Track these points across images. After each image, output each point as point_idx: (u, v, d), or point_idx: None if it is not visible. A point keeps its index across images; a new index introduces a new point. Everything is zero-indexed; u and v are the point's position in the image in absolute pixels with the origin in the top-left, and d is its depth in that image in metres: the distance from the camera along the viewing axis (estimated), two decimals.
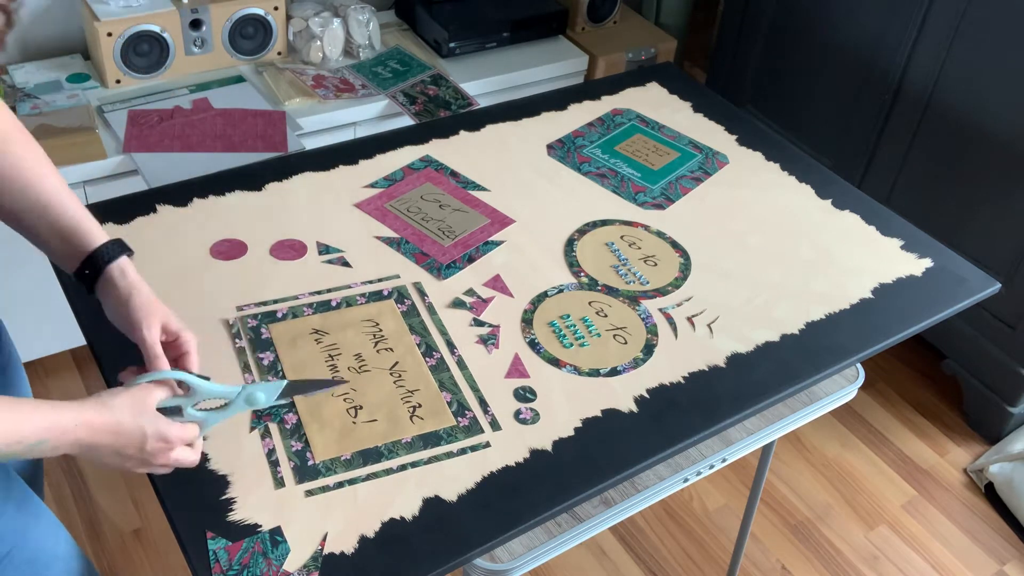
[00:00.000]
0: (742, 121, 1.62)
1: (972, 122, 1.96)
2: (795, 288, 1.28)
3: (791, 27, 2.31)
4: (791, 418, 1.27)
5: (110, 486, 1.89)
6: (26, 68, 2.07)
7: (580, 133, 1.53)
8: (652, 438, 1.06)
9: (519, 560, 1.05)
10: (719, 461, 1.22)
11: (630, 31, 2.59)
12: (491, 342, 1.15)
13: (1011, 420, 2.10)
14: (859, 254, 1.36)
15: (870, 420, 2.21)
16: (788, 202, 1.44)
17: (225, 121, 2.01)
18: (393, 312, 1.18)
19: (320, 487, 0.97)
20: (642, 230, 1.36)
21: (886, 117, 2.14)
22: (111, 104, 2.02)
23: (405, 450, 1.01)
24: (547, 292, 1.23)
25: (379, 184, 1.39)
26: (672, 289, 1.26)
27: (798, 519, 1.98)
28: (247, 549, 0.90)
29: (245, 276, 1.20)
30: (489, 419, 1.06)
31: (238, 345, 1.11)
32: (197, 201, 1.31)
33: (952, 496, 2.06)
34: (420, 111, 1.94)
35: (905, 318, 1.25)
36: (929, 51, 2.01)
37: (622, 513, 1.14)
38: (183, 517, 0.92)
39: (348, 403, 1.05)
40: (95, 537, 1.80)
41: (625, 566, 1.85)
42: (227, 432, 1.01)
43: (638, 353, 1.16)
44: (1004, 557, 1.94)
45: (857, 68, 2.17)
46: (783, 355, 1.18)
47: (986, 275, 1.34)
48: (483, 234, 1.32)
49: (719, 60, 2.55)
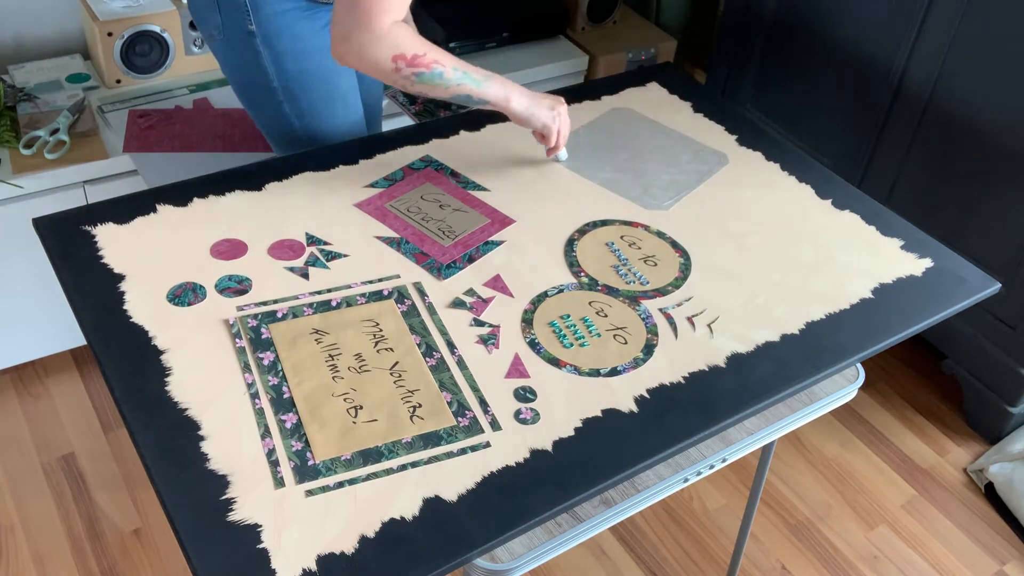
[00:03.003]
0: (742, 121, 1.62)
1: (972, 122, 1.97)
2: (795, 288, 1.28)
3: (791, 27, 2.31)
4: (791, 418, 1.27)
5: (110, 486, 1.89)
6: (26, 68, 2.07)
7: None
8: (652, 438, 1.06)
9: (519, 560, 1.05)
10: (719, 461, 1.22)
11: (630, 31, 2.59)
12: (491, 342, 1.15)
13: (1011, 420, 2.10)
14: (859, 254, 1.36)
15: (870, 420, 2.21)
16: (788, 202, 1.44)
17: (225, 121, 2.01)
18: (393, 312, 1.18)
19: (320, 487, 0.97)
20: (642, 230, 1.36)
21: (886, 117, 2.14)
22: (111, 104, 2.02)
23: (405, 450, 1.01)
24: (547, 292, 1.23)
25: (379, 184, 1.39)
26: (672, 289, 1.26)
27: (798, 519, 1.98)
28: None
29: (245, 276, 1.20)
30: (489, 419, 1.06)
31: (238, 345, 1.11)
32: (197, 201, 1.31)
33: (952, 496, 2.06)
34: (420, 111, 1.94)
35: (905, 318, 1.25)
36: (929, 51, 2.01)
37: (622, 513, 1.14)
38: (183, 517, 0.92)
39: (348, 403, 1.05)
40: (95, 537, 1.80)
41: (625, 566, 1.85)
42: (227, 432, 1.01)
43: (638, 353, 1.16)
44: (1004, 557, 1.94)
45: (857, 68, 2.17)
46: (783, 355, 1.18)
47: (986, 275, 1.34)
48: (483, 234, 1.32)
49: (719, 60, 2.55)
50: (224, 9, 1.42)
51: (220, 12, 1.43)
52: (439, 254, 1.27)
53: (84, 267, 1.19)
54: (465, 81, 1.31)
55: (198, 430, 1.01)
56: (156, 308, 1.14)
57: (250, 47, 1.44)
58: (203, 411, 1.03)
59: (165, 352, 1.09)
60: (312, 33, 1.45)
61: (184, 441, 0.99)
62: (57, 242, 1.22)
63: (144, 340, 1.10)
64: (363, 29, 1.22)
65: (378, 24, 1.22)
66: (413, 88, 1.29)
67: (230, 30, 1.44)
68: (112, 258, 1.21)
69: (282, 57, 1.44)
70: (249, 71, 1.48)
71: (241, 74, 1.50)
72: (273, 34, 1.43)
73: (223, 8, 1.42)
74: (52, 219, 1.25)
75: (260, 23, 1.41)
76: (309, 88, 1.48)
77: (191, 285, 1.18)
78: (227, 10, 1.42)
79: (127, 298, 1.15)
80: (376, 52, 1.24)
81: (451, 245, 1.29)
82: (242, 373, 1.08)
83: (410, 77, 1.27)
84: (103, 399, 2.05)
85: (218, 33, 1.46)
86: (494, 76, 1.35)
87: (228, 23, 1.43)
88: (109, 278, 1.17)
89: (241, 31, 1.43)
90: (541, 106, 1.39)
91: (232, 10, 1.42)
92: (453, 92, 1.31)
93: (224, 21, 1.43)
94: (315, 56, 1.47)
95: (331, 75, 1.50)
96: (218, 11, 1.43)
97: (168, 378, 1.06)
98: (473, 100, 1.34)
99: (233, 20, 1.42)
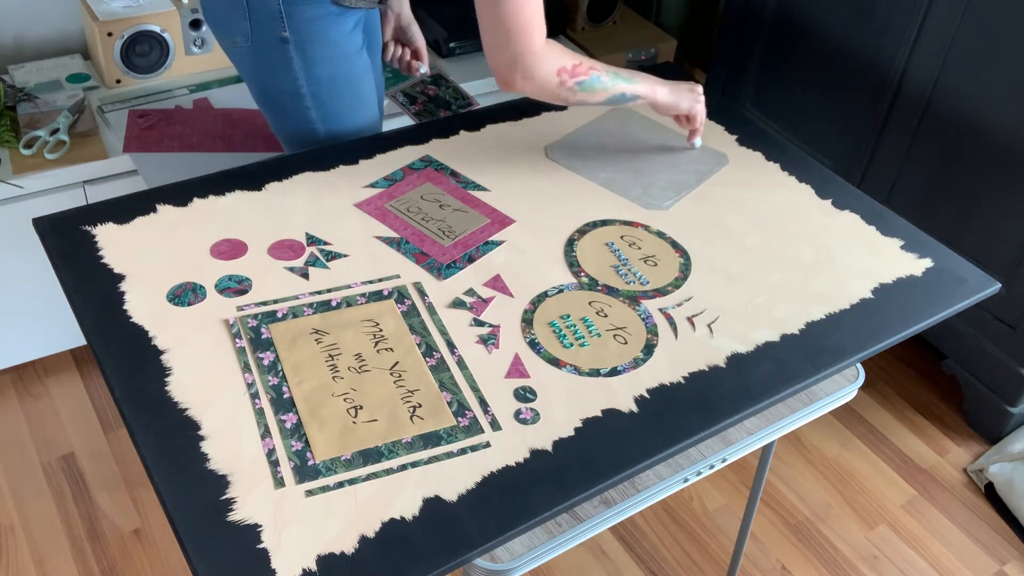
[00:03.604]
0: (742, 121, 1.62)
1: (972, 122, 1.97)
2: (795, 288, 1.28)
3: (791, 27, 2.31)
4: (791, 418, 1.27)
5: (110, 486, 1.89)
6: (26, 68, 2.07)
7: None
8: (652, 438, 1.06)
9: (519, 560, 1.05)
10: (719, 461, 1.22)
11: (630, 31, 2.60)
12: (491, 342, 1.15)
13: (1011, 420, 2.10)
14: (859, 254, 1.36)
15: (870, 420, 2.21)
16: (788, 202, 1.44)
17: (225, 121, 2.01)
18: (393, 312, 1.18)
19: (320, 487, 0.97)
20: (642, 230, 1.36)
21: (886, 117, 2.14)
22: (111, 104, 2.02)
23: (405, 450, 1.01)
24: (547, 292, 1.23)
25: (379, 184, 1.39)
26: (672, 289, 1.26)
27: (798, 519, 1.98)
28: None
29: (245, 276, 1.20)
30: (489, 419, 1.06)
31: (238, 345, 1.11)
32: (197, 201, 1.31)
33: (952, 496, 2.06)
34: (420, 111, 1.94)
35: (905, 318, 1.25)
36: (929, 51, 2.01)
37: (622, 513, 1.14)
38: (183, 517, 0.92)
39: (348, 403, 1.05)
40: (95, 537, 1.80)
41: (625, 566, 1.85)
42: (227, 432, 1.01)
43: (638, 353, 1.16)
44: (1004, 557, 1.94)
45: (857, 68, 2.17)
46: (783, 355, 1.18)
47: (986, 275, 1.34)
48: (483, 234, 1.32)
49: (719, 60, 2.55)
50: (255, 16, 1.42)
51: (250, 19, 1.42)
52: (439, 254, 1.27)
53: (84, 267, 1.19)
54: (618, 82, 1.38)
55: (198, 430, 1.01)
56: (156, 308, 1.14)
57: (282, 54, 1.44)
58: (203, 411, 1.03)
59: (165, 352, 1.09)
60: (342, 37, 1.46)
61: (184, 441, 0.99)
62: (57, 242, 1.22)
63: (144, 340, 1.10)
64: (526, 52, 1.27)
65: (537, 43, 1.28)
66: (575, 98, 1.35)
67: (260, 37, 1.44)
68: (112, 258, 1.21)
69: (313, 63, 1.45)
70: (277, 77, 1.47)
71: (268, 80, 1.50)
72: (307, 40, 1.43)
73: (254, 15, 1.42)
74: (52, 219, 1.25)
75: (294, 29, 1.42)
76: (337, 93, 1.49)
77: (191, 285, 1.18)
78: (258, 17, 1.42)
79: (127, 298, 1.15)
80: (543, 70, 1.30)
81: (451, 245, 1.29)
82: (242, 373, 1.08)
83: (573, 88, 1.33)
84: (103, 399, 2.05)
85: (244, 40, 1.45)
86: (637, 73, 1.42)
87: (258, 30, 1.43)
88: (109, 278, 1.17)
89: (273, 38, 1.43)
90: (682, 92, 1.45)
91: (264, 17, 1.41)
92: (609, 94, 1.38)
93: (254, 28, 1.43)
94: (344, 61, 1.48)
95: (356, 80, 1.51)
96: (248, 18, 1.42)
97: (168, 378, 1.06)
98: (626, 98, 1.40)
99: (265, 27, 1.42)
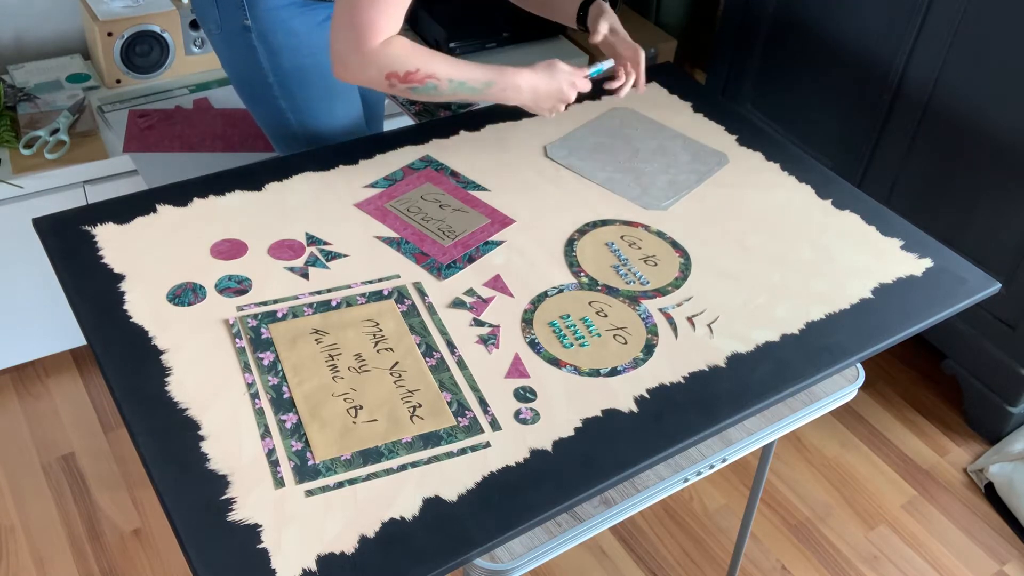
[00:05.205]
0: (742, 121, 1.62)
1: (972, 122, 1.96)
2: (795, 288, 1.28)
3: (791, 27, 2.31)
4: (791, 418, 1.27)
5: (110, 486, 1.89)
6: (26, 68, 2.07)
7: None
8: (652, 438, 1.06)
9: (519, 560, 1.05)
10: (719, 461, 1.22)
11: (630, 31, 2.58)
12: (491, 342, 1.15)
13: (1011, 420, 2.10)
14: (859, 254, 1.36)
15: (870, 420, 2.21)
16: (788, 202, 1.44)
17: (225, 121, 2.01)
18: (393, 312, 1.18)
19: (320, 487, 0.97)
20: (642, 230, 1.36)
21: (886, 117, 2.14)
22: (111, 104, 2.02)
23: (405, 450, 1.01)
24: (547, 292, 1.23)
25: (379, 184, 1.39)
26: (672, 289, 1.26)
27: (798, 519, 1.98)
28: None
29: (245, 276, 1.20)
30: (489, 419, 1.06)
31: (238, 345, 1.11)
32: (197, 201, 1.31)
33: (952, 496, 2.06)
34: (420, 111, 1.94)
35: (905, 318, 1.25)
36: (929, 51, 2.01)
37: (622, 513, 1.14)
38: (183, 517, 0.92)
39: (348, 403, 1.05)
40: (95, 537, 1.80)
41: (625, 566, 1.85)
42: (227, 432, 1.01)
43: (638, 353, 1.16)
44: (1004, 557, 1.94)
45: (857, 68, 2.17)
46: (783, 355, 1.18)
47: (986, 275, 1.34)
48: (483, 234, 1.32)
49: (719, 60, 2.55)
50: (221, 4, 1.43)
51: (217, 7, 1.44)
52: (439, 254, 1.27)
53: (84, 267, 1.19)
54: (461, 91, 1.32)
55: (198, 430, 1.01)
56: (156, 308, 1.14)
57: (246, 42, 1.45)
58: (203, 411, 1.03)
59: (165, 352, 1.09)
60: (308, 29, 1.46)
61: (184, 441, 0.99)
62: (57, 242, 1.22)
63: (144, 340, 1.10)
64: (354, 51, 1.24)
65: (368, 45, 1.24)
66: (413, 96, 1.31)
67: (227, 25, 1.45)
68: (112, 258, 1.21)
69: (278, 53, 1.45)
70: (246, 67, 1.49)
71: (238, 70, 1.51)
72: (268, 30, 1.43)
73: (220, 3, 1.43)
74: (52, 219, 1.25)
75: (256, 18, 1.42)
76: (306, 84, 1.49)
77: (191, 285, 1.18)
78: (224, 5, 1.43)
79: (127, 298, 1.15)
80: (369, 72, 1.26)
81: (451, 245, 1.29)
82: (242, 373, 1.08)
83: (406, 92, 1.30)
84: (103, 399, 2.05)
85: (216, 29, 1.47)
86: (497, 79, 1.33)
87: (225, 18, 1.44)
88: (109, 278, 1.17)
89: (237, 26, 1.44)
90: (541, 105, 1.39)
91: (228, 5, 1.43)
92: (452, 99, 1.34)
93: (221, 16, 1.44)
94: (311, 52, 1.47)
95: (328, 72, 1.50)
96: (216, 7, 1.44)
97: (168, 378, 1.06)
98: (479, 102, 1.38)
99: (230, 15, 1.43)
